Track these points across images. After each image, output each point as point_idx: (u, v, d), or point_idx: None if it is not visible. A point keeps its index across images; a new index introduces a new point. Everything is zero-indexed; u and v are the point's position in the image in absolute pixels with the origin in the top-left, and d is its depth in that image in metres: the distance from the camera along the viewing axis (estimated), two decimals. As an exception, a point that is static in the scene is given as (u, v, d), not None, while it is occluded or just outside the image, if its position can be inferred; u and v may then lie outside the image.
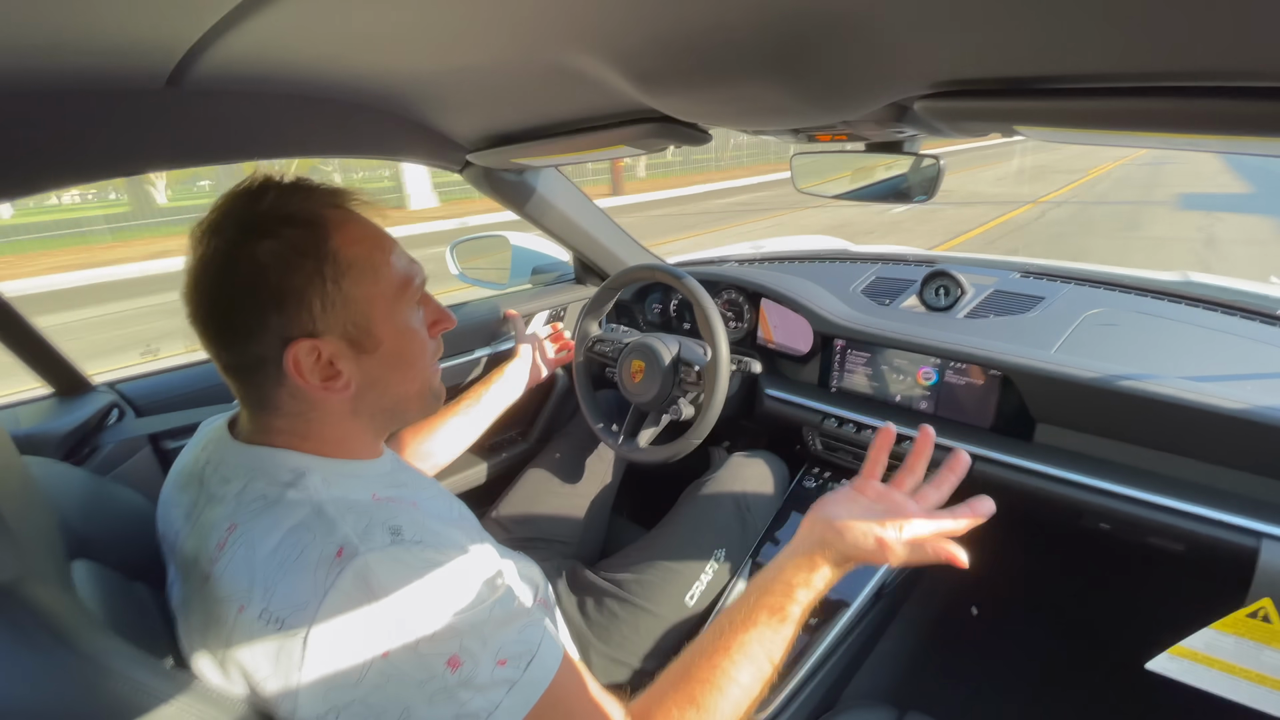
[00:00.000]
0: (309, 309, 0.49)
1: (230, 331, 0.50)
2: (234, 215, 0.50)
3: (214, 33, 0.52)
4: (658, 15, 0.47)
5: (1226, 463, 0.83)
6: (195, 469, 0.56)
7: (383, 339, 0.53)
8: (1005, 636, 1.31)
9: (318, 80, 0.73)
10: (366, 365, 0.53)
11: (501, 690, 0.44)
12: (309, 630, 0.42)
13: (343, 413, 0.54)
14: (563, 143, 0.88)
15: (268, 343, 0.49)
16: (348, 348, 0.52)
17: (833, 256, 1.53)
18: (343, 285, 0.50)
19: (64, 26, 0.47)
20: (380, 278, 0.53)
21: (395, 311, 0.54)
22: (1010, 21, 0.39)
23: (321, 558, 0.44)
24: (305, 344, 0.49)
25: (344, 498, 0.49)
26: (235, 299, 0.49)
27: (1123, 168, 12.25)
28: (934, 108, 0.54)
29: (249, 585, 0.44)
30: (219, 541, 0.47)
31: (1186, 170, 12.70)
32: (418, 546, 0.47)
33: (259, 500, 0.48)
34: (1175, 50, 0.36)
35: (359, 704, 0.42)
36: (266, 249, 0.48)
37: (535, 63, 0.63)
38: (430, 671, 0.42)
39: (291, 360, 0.49)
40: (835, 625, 0.94)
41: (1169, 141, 0.50)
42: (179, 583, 0.52)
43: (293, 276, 0.49)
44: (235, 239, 0.49)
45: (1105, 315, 1.04)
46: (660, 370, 1.11)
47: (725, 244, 1.78)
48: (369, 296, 0.52)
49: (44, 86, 0.59)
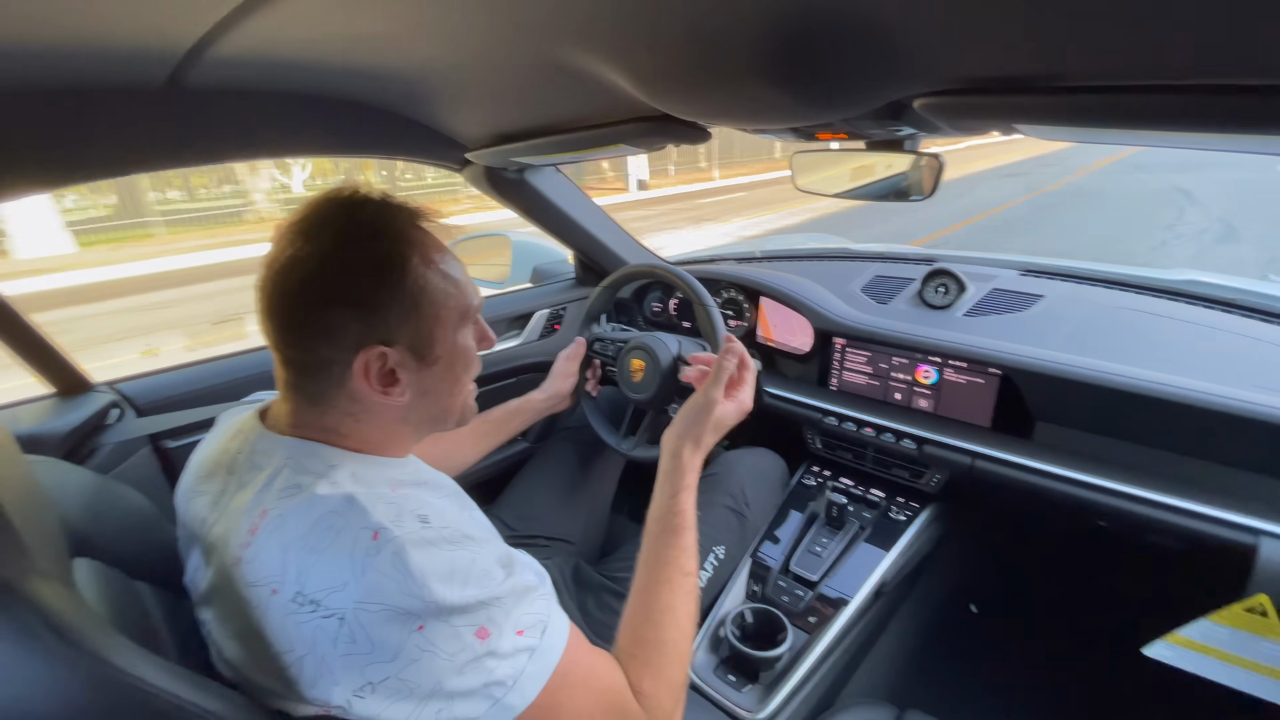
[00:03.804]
0: (386, 319, 0.52)
1: (306, 330, 0.52)
2: (330, 222, 0.52)
3: (214, 32, 0.52)
4: (658, 15, 0.47)
5: (1225, 461, 0.83)
6: (224, 458, 0.57)
7: (441, 354, 0.57)
8: (1005, 635, 1.31)
9: (317, 79, 0.73)
10: (423, 376, 0.56)
11: (524, 657, 0.47)
12: (348, 609, 0.43)
13: (392, 418, 0.57)
14: (562, 141, 0.89)
15: (342, 346, 0.52)
16: (411, 359, 0.55)
17: (832, 255, 1.53)
18: (419, 301, 0.54)
19: (64, 27, 0.47)
20: (449, 298, 0.56)
21: (456, 330, 0.58)
22: (1009, 21, 0.39)
23: (357, 541, 0.45)
24: (376, 350, 0.52)
25: (372, 491, 0.50)
26: (318, 301, 0.51)
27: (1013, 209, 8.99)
28: (933, 105, 0.54)
29: (282, 569, 0.45)
30: (250, 527, 0.48)
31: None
32: (445, 531, 0.49)
33: (291, 488, 0.49)
34: (1175, 48, 0.36)
35: (394, 679, 0.43)
36: (358, 259, 0.51)
37: (535, 62, 0.63)
38: (462, 643, 0.45)
39: (361, 365, 0.52)
40: (834, 624, 0.95)
41: (1169, 139, 0.50)
42: (204, 570, 0.53)
43: (379, 288, 0.52)
44: (329, 245, 0.51)
45: (1105, 313, 1.05)
46: (660, 369, 1.11)
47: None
48: (437, 315, 0.55)
49: (44, 86, 0.59)
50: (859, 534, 1.09)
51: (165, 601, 0.58)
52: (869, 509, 1.14)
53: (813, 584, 1.01)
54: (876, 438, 1.12)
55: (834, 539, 1.07)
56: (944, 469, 1.06)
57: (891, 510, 1.13)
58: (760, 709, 0.85)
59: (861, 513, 1.13)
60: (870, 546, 1.07)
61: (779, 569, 1.05)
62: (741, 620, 0.91)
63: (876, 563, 1.03)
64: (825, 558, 1.04)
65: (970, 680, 1.23)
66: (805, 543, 1.08)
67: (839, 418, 1.16)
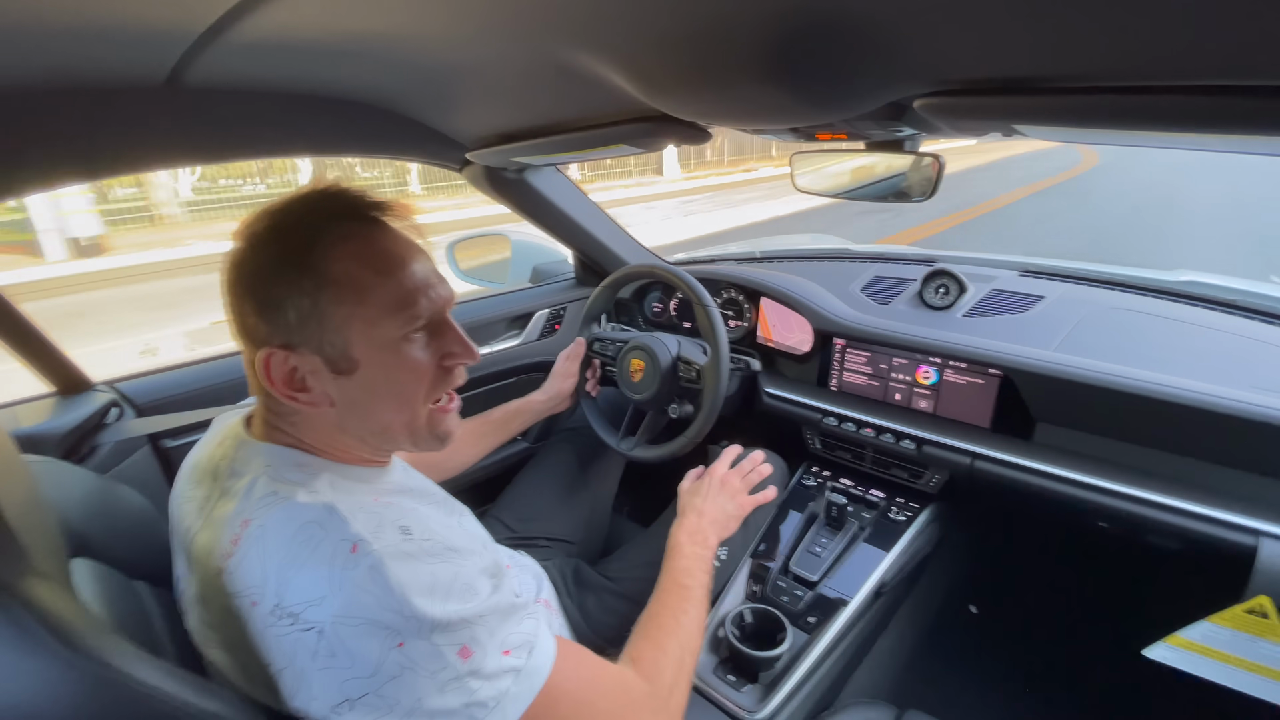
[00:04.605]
0: (284, 318, 0.49)
1: (236, 328, 0.52)
2: (265, 217, 0.51)
3: (213, 31, 0.52)
4: (658, 15, 0.47)
5: (1225, 462, 0.83)
6: (210, 464, 0.56)
7: (360, 362, 0.51)
8: (1004, 635, 1.31)
9: (317, 79, 0.73)
10: (344, 387, 0.51)
11: (508, 679, 0.46)
12: (325, 624, 0.43)
13: (328, 425, 0.54)
14: (562, 141, 0.88)
15: (254, 344, 0.51)
16: (323, 365, 0.50)
17: (832, 255, 1.53)
18: (319, 300, 0.49)
19: (63, 25, 0.47)
20: (365, 298, 0.50)
21: (377, 334, 0.51)
22: (1009, 21, 0.39)
23: (336, 553, 0.44)
24: (278, 354, 0.49)
25: (352, 500, 0.49)
26: (236, 299, 0.51)
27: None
28: (934, 106, 0.54)
29: (262, 580, 0.45)
30: (232, 537, 0.47)
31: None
32: (427, 543, 0.48)
33: (269, 496, 0.48)
34: (1176, 48, 0.36)
35: (373, 695, 0.42)
36: (266, 254, 0.50)
37: (535, 62, 0.63)
38: (443, 661, 0.44)
39: (263, 365, 0.50)
40: (834, 623, 0.95)
41: (1169, 139, 0.50)
42: (190, 577, 0.52)
43: (277, 284, 0.49)
44: (252, 240, 0.50)
45: (1105, 314, 1.05)
46: (660, 369, 1.11)
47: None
48: (347, 316, 0.50)
49: (43, 85, 0.59)
50: (858, 534, 1.09)
51: (164, 602, 0.58)
52: (869, 509, 1.14)
53: (812, 584, 1.01)
54: (876, 438, 1.12)
55: (834, 539, 1.07)
56: (944, 469, 1.06)
57: (891, 511, 1.13)
58: (760, 709, 0.84)
59: (861, 513, 1.13)
60: (870, 547, 1.06)
61: (779, 569, 1.05)
62: (741, 620, 0.91)
63: (876, 563, 1.03)
64: (825, 558, 1.04)
65: (970, 680, 1.23)
66: (805, 543, 1.08)
67: (839, 418, 1.16)
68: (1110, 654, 1.22)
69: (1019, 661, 1.26)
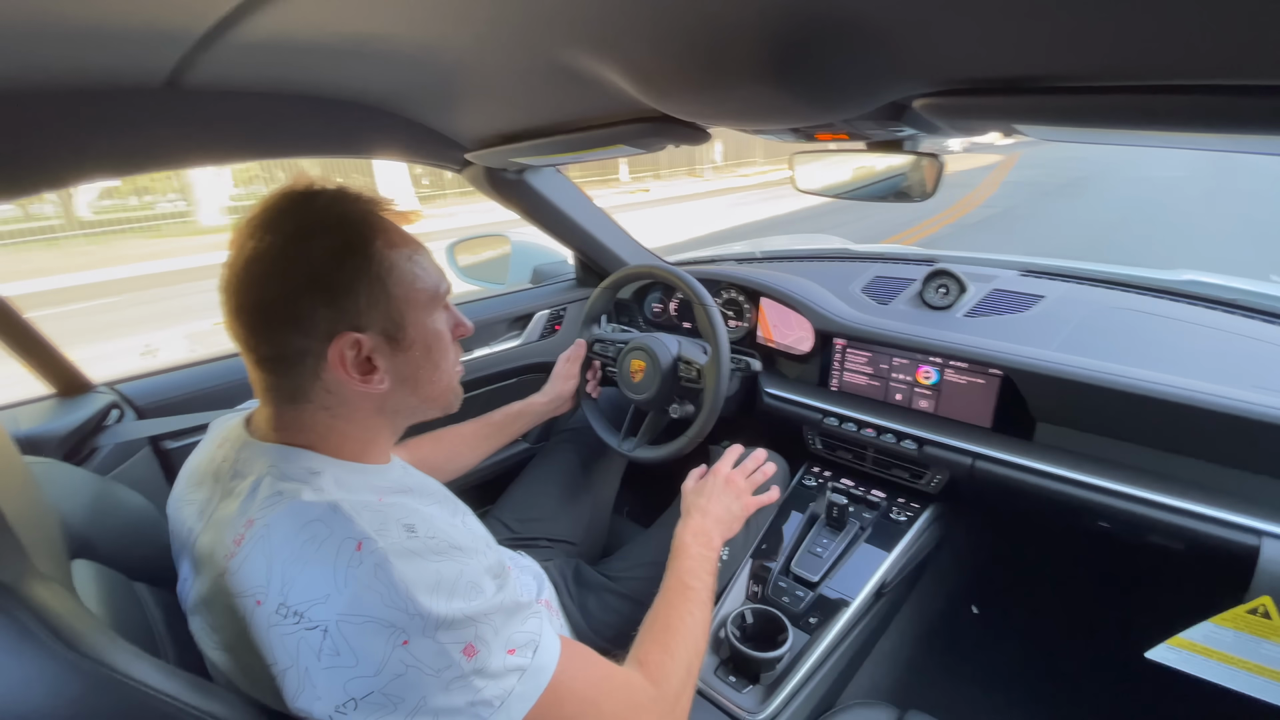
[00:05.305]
0: (355, 304, 0.52)
1: (275, 322, 0.51)
2: (289, 213, 0.52)
3: (213, 33, 0.52)
4: (658, 15, 0.47)
5: (1226, 461, 0.83)
6: (210, 466, 0.57)
7: (415, 338, 0.57)
8: (1005, 635, 1.31)
9: (317, 81, 0.73)
10: (399, 362, 0.56)
11: (514, 678, 0.46)
12: (329, 622, 0.43)
13: (369, 410, 0.57)
14: (562, 142, 0.88)
15: (313, 335, 0.51)
16: (385, 344, 0.55)
17: (833, 255, 1.53)
18: (386, 284, 0.53)
19: (62, 27, 0.47)
20: (416, 280, 0.56)
21: (427, 313, 0.58)
22: (1009, 21, 0.39)
23: (340, 552, 0.45)
24: (349, 337, 0.52)
25: (356, 498, 0.50)
26: (287, 291, 0.50)
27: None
28: (933, 106, 0.54)
29: (266, 580, 0.45)
30: (236, 537, 0.47)
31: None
32: (432, 541, 0.48)
33: (274, 496, 0.49)
34: (1176, 47, 0.36)
35: (378, 694, 0.42)
36: (322, 245, 0.51)
37: (535, 62, 0.63)
38: (448, 659, 0.44)
39: (336, 352, 0.52)
40: (835, 624, 0.94)
41: (1170, 139, 0.50)
42: (194, 579, 0.52)
43: (344, 272, 0.51)
44: (292, 235, 0.51)
45: (1105, 314, 1.04)
46: (660, 369, 1.11)
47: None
48: (406, 296, 0.55)
49: (42, 87, 0.59)
50: (859, 535, 1.09)
51: (165, 603, 0.58)
52: (869, 510, 1.14)
53: (813, 585, 1.01)
54: (877, 438, 1.12)
55: (834, 540, 1.07)
56: (944, 470, 1.06)
57: (892, 511, 1.13)
58: (761, 710, 0.84)
59: (862, 513, 1.13)
60: (871, 547, 1.06)
61: (779, 570, 1.05)
62: (742, 621, 0.91)
63: (877, 563, 1.03)
64: (826, 558, 1.04)
65: (971, 681, 1.23)
66: (806, 543, 1.08)
67: (839, 418, 1.16)
68: (1112, 655, 1.22)
69: (1021, 662, 1.26)
